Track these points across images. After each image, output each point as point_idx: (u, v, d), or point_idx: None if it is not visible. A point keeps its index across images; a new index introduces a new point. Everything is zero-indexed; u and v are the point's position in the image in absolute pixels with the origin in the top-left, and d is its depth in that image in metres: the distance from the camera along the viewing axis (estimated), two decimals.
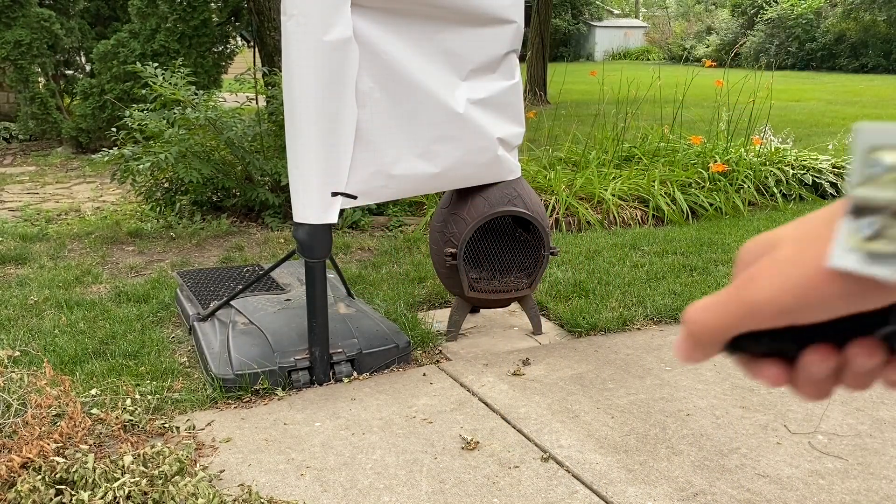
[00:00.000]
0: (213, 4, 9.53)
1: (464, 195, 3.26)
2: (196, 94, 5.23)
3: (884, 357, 0.37)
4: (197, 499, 1.99)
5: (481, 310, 3.69)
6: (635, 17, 44.70)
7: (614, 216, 5.36)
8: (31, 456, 2.06)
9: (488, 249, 3.37)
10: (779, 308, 0.36)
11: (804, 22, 27.76)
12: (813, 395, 0.40)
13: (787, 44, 27.76)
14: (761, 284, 0.36)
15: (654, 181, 5.68)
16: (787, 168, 6.20)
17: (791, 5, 28.38)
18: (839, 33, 26.88)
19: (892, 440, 2.49)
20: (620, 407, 2.75)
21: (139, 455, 2.16)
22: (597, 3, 37.86)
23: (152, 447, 2.24)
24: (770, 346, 0.39)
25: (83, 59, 10.79)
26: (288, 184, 2.87)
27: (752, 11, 30.55)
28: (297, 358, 2.93)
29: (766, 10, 29.13)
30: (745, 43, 27.91)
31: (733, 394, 2.83)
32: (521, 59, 3.57)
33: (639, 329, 3.54)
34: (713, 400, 2.79)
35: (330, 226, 2.83)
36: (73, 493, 2.00)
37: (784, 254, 0.36)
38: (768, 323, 0.37)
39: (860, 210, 0.33)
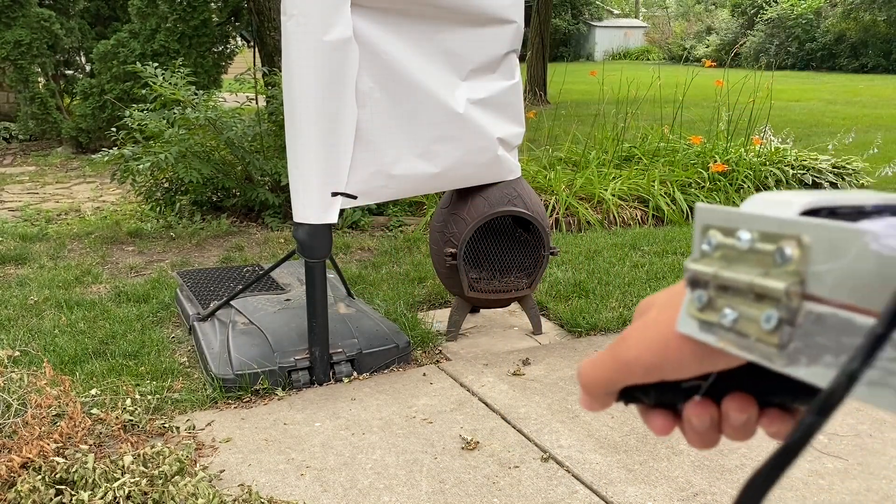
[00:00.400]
0: (213, 4, 9.53)
1: (464, 195, 3.26)
2: (196, 94, 5.23)
3: (755, 410, 0.40)
4: (197, 499, 1.99)
5: (481, 310, 3.69)
6: (635, 17, 44.70)
7: (614, 216, 5.36)
8: (31, 456, 2.06)
9: (488, 249, 3.37)
10: (644, 366, 0.39)
11: (804, 22, 27.77)
12: (699, 445, 0.43)
13: (786, 44, 27.76)
14: (629, 344, 0.40)
15: (654, 181, 5.68)
16: (787, 168, 6.20)
17: (791, 5, 28.38)
18: (839, 33, 26.88)
19: (892, 440, 2.49)
20: (620, 407, 2.74)
21: (139, 455, 2.16)
22: (597, 3, 37.86)
23: (152, 447, 2.24)
24: (657, 398, 0.42)
25: (83, 59, 10.79)
26: (288, 184, 2.87)
27: (752, 11, 30.56)
28: (297, 358, 2.93)
29: (766, 10, 29.13)
30: (744, 43, 27.91)
31: None
32: (521, 59, 3.57)
33: None
34: None
35: (330, 226, 2.83)
36: (73, 493, 2.00)
37: (650, 317, 0.40)
38: (640, 378, 0.40)
39: (694, 282, 0.36)
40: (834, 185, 6.21)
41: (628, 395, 0.43)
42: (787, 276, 0.32)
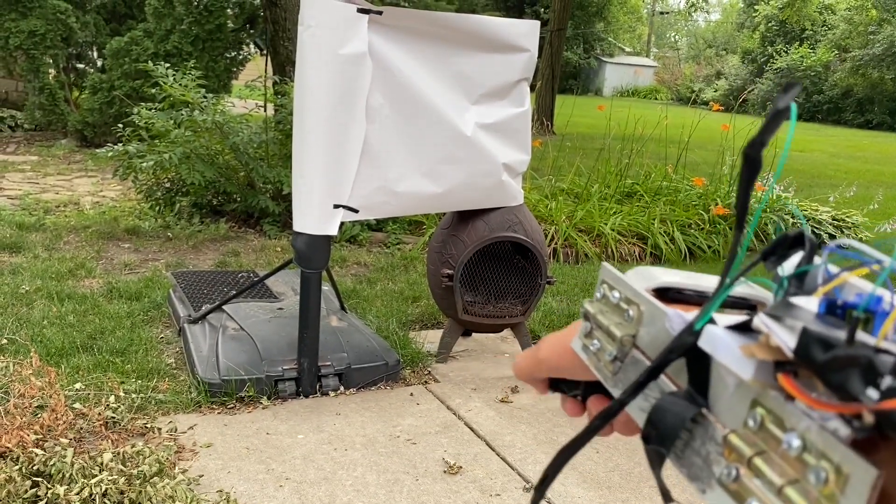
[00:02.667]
0: (229, 10, 9.59)
1: (465, 217, 3.26)
2: (205, 98, 5.24)
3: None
4: (174, 501, 1.97)
5: (473, 334, 3.68)
6: (646, 56, 45.10)
7: (612, 250, 5.37)
8: (9, 445, 2.04)
9: (485, 273, 3.37)
10: (550, 366, 0.54)
11: (812, 74, 28.05)
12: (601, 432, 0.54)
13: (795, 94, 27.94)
14: (543, 348, 0.55)
15: (654, 219, 5.69)
16: (787, 217, 6.22)
17: (801, 57, 28.67)
18: (846, 88, 27.14)
19: None
20: (606, 442, 2.73)
21: (119, 453, 2.14)
22: (609, 39, 38.20)
23: (133, 446, 2.21)
24: (571, 390, 0.56)
25: (95, 55, 10.83)
26: (290, 193, 2.87)
27: (761, 60, 30.86)
28: (285, 368, 2.91)
29: (776, 60, 29.42)
30: (752, 90, 28.16)
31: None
32: (532, 88, 3.59)
33: None
34: None
35: (329, 238, 2.82)
36: (49, 486, 1.97)
37: (563, 331, 0.54)
38: (550, 374, 0.55)
39: (585, 316, 0.50)
40: (833, 237, 6.23)
41: (554, 386, 0.57)
42: (627, 328, 0.46)
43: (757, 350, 0.36)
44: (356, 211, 2.82)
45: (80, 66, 10.77)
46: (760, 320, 0.38)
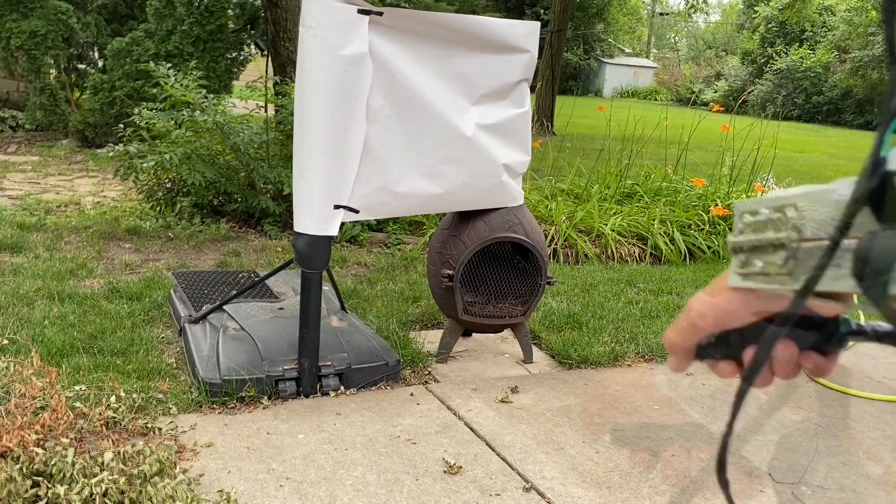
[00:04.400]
0: (230, 11, 9.59)
1: (465, 218, 3.26)
2: (206, 98, 5.25)
3: (797, 352, 0.54)
4: (175, 501, 1.97)
5: (473, 334, 3.68)
6: (646, 57, 45.11)
7: (612, 251, 5.37)
8: (10, 445, 2.04)
9: (485, 274, 3.37)
10: (708, 321, 0.56)
11: (812, 75, 28.05)
12: (757, 383, 0.56)
13: (794, 95, 28.01)
14: (697, 307, 0.57)
15: (654, 220, 5.70)
16: None
17: (801, 58, 28.66)
18: (846, 89, 27.15)
19: (877, 497, 2.48)
20: (606, 442, 2.73)
21: (119, 453, 2.14)
22: (609, 40, 38.21)
23: (133, 446, 2.22)
24: (723, 352, 0.58)
25: (96, 55, 10.83)
26: (290, 193, 2.88)
27: (761, 61, 30.86)
28: (285, 368, 2.91)
29: (776, 61, 29.43)
30: (752, 91, 28.16)
31: (720, 438, 2.82)
32: (532, 89, 3.60)
33: (629, 366, 3.53)
34: (700, 442, 2.78)
35: (329, 238, 2.83)
36: (49, 486, 1.98)
37: (709, 287, 0.57)
38: (708, 329, 0.57)
39: (735, 249, 0.53)
40: None
41: (703, 353, 0.59)
42: (790, 229, 0.49)
43: None
44: (357, 211, 2.83)
45: (82, 66, 10.77)
46: None
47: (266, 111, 5.66)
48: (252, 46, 10.74)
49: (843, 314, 0.54)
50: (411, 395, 3.03)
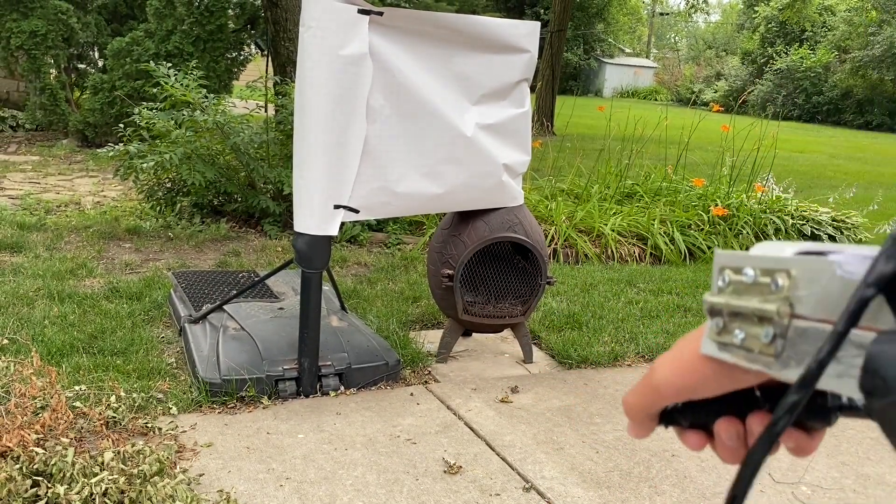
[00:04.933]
0: (230, 11, 9.59)
1: (465, 218, 3.26)
2: (206, 98, 5.25)
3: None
4: (175, 501, 1.97)
5: (473, 334, 3.68)
6: (646, 58, 45.11)
7: (612, 251, 5.37)
8: (10, 445, 2.05)
9: (485, 274, 3.37)
10: (675, 387, 0.48)
11: (812, 75, 28.05)
12: (729, 458, 0.50)
13: (794, 95, 28.01)
14: (660, 371, 0.49)
15: (654, 220, 5.70)
16: (786, 217, 6.22)
17: (800, 58, 28.66)
18: (846, 89, 27.14)
19: (876, 497, 2.48)
20: (606, 442, 2.73)
21: (119, 453, 2.14)
22: (609, 40, 38.21)
23: (133, 446, 2.22)
24: (692, 419, 0.51)
25: (96, 55, 10.84)
26: (290, 193, 2.88)
27: (761, 61, 30.87)
28: (285, 367, 2.91)
29: (776, 61, 29.42)
30: (752, 91, 28.16)
31: None
32: (532, 89, 3.60)
33: (629, 365, 3.53)
34: None
35: (329, 238, 2.83)
36: (49, 485, 1.98)
37: (677, 347, 0.49)
38: (672, 399, 0.50)
39: (712, 312, 0.45)
40: (832, 238, 6.23)
41: (668, 419, 0.52)
42: (780, 301, 0.41)
43: None
44: (357, 211, 2.83)
45: (82, 66, 10.78)
46: None
47: (266, 111, 5.66)
48: (252, 46, 10.74)
49: None
50: (411, 394, 3.03)
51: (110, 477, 2.00)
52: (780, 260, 0.42)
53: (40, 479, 2.00)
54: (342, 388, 3.00)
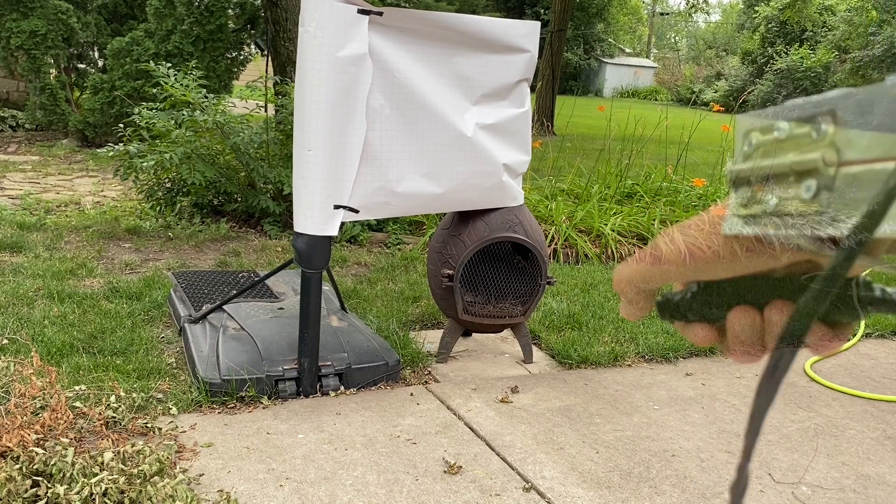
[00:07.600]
0: (230, 11, 9.59)
1: (465, 218, 3.26)
2: (206, 98, 5.25)
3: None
4: (175, 501, 1.97)
5: (473, 334, 3.68)
6: (646, 58, 45.11)
7: (612, 251, 5.37)
8: (10, 445, 2.04)
9: (485, 274, 3.37)
10: (680, 266, 0.42)
11: (813, 75, 28.05)
12: (742, 356, 0.44)
13: (794, 95, 27.97)
14: (664, 244, 0.43)
15: (654, 220, 5.70)
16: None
17: (801, 58, 28.66)
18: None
19: (877, 497, 2.48)
20: (606, 442, 2.73)
21: (119, 453, 2.14)
22: (609, 40, 38.20)
23: (133, 446, 2.22)
24: (699, 311, 0.45)
25: (96, 55, 10.84)
26: (290, 193, 2.88)
27: (762, 60, 30.87)
28: (285, 367, 2.91)
29: (776, 61, 29.43)
30: (753, 91, 28.17)
31: (720, 438, 2.82)
32: (532, 89, 3.59)
33: (629, 366, 3.53)
34: (699, 442, 2.78)
35: (329, 238, 2.83)
36: (49, 485, 1.98)
37: (685, 223, 0.44)
38: (678, 277, 0.43)
39: (737, 183, 0.40)
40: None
41: (671, 311, 0.46)
42: (824, 148, 0.35)
43: None
44: (357, 211, 2.83)
45: (82, 66, 10.78)
46: None
47: (266, 111, 5.66)
48: (252, 46, 10.74)
49: (864, 275, 0.41)
50: (411, 394, 3.03)
51: (110, 477, 2.00)
52: (823, 101, 0.36)
53: (40, 479, 2.00)
54: (342, 388, 2.99)
